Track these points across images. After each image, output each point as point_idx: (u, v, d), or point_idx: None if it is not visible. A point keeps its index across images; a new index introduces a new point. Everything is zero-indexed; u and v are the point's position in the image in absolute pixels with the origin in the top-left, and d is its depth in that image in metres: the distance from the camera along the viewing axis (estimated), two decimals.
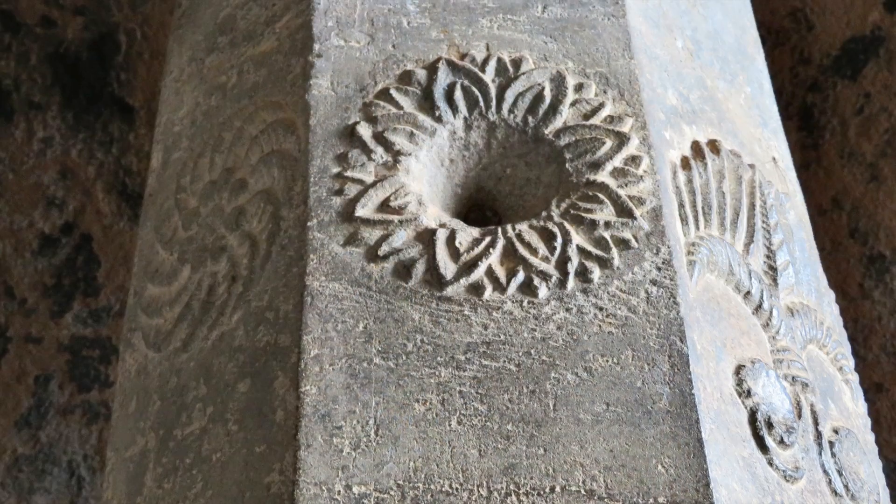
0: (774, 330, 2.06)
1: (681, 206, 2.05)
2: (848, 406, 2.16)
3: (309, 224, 1.96)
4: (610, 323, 1.87)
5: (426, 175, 2.04)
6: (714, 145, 2.18)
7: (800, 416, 1.98)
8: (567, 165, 2.02)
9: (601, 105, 2.08)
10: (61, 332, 3.81)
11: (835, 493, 1.97)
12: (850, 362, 2.24)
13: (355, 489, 1.73)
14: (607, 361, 1.83)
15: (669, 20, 2.36)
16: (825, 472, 1.97)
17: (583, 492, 1.73)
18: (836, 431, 2.04)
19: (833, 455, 2.00)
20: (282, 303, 1.91)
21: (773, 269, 2.13)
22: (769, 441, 1.89)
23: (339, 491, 1.73)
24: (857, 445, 2.07)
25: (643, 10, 2.30)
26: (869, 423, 2.22)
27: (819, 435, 2.00)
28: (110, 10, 3.92)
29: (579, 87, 2.10)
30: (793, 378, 2.02)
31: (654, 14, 2.32)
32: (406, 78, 2.11)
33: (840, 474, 1.99)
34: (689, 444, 1.76)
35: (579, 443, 1.77)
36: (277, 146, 2.11)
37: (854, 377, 2.23)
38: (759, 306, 2.06)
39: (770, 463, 1.88)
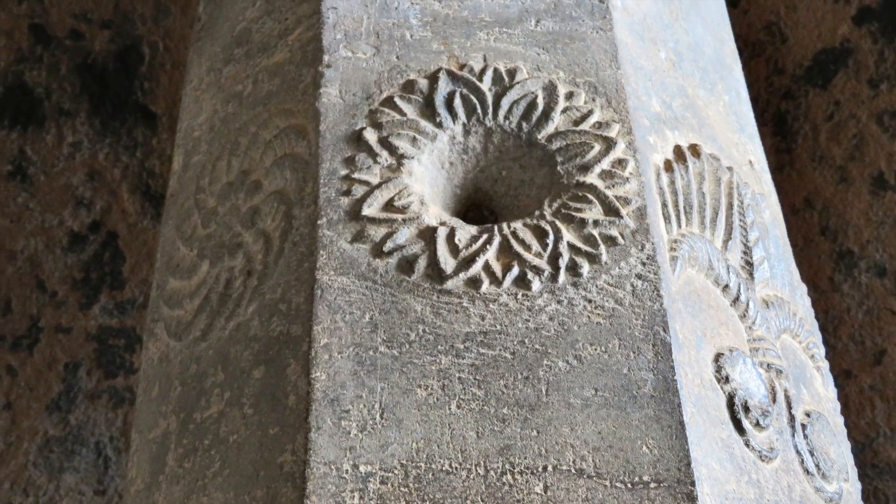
0: (751, 320, 2.06)
1: (664, 205, 2.05)
2: (819, 391, 2.15)
3: (319, 222, 1.95)
4: (598, 314, 1.86)
5: (427, 177, 2.04)
6: (695, 149, 2.18)
7: (774, 401, 1.98)
8: (558, 168, 2.02)
9: (590, 112, 2.08)
10: (89, 323, 3.81)
11: (807, 471, 1.97)
12: (820, 350, 2.24)
13: (362, 468, 1.73)
14: (596, 350, 1.83)
15: (653, 33, 2.36)
16: (798, 452, 1.97)
17: (573, 471, 1.73)
18: (808, 415, 2.04)
19: (805, 437, 2.00)
20: (294, 295, 1.91)
21: (749, 264, 2.13)
22: (746, 424, 1.89)
23: (346, 470, 1.73)
24: (828, 428, 2.07)
25: (629, 24, 2.29)
26: (838, 406, 2.22)
27: (792, 418, 2.00)
28: (135, 24, 3.92)
29: (570, 96, 2.10)
30: (768, 365, 2.02)
31: (639, 28, 2.32)
32: (409, 87, 2.11)
33: (812, 454, 1.99)
34: (671, 426, 1.76)
35: (570, 425, 1.77)
36: (290, 150, 2.10)
37: (825, 364, 2.23)
38: (737, 299, 2.06)
39: (747, 444, 1.88)
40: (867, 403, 3.60)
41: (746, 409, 1.91)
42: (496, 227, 1.95)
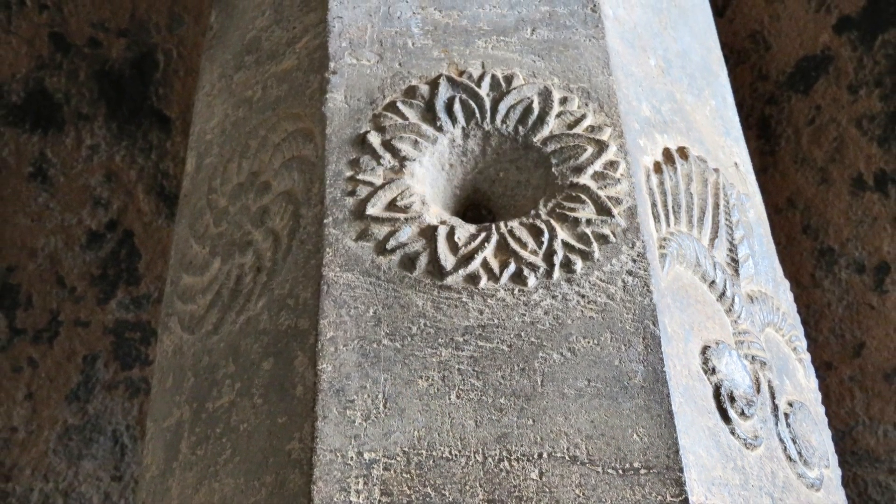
0: (736, 315, 2.06)
1: (653, 205, 2.04)
2: (801, 382, 2.15)
3: (325, 221, 1.95)
4: (591, 308, 1.86)
5: (428, 178, 2.04)
6: (683, 152, 2.18)
7: (759, 391, 1.98)
8: (553, 169, 2.02)
9: (583, 116, 2.08)
10: (106, 317, 3.81)
11: (789, 458, 1.97)
12: (803, 343, 2.24)
13: (366, 455, 1.73)
14: (589, 343, 1.83)
15: (643, 41, 2.36)
16: (781, 440, 1.97)
17: (567, 458, 1.73)
18: (790, 404, 2.04)
19: (788, 425, 2.00)
20: (301, 291, 1.91)
21: (734, 261, 2.13)
22: (731, 413, 1.89)
23: (351, 457, 1.73)
24: (810, 417, 2.07)
25: (620, 32, 2.29)
26: (819, 397, 2.22)
27: (776, 407, 2.00)
28: (150, 32, 3.92)
29: (564, 101, 2.10)
30: (752, 357, 2.02)
31: (629, 36, 2.32)
32: (411, 92, 2.11)
33: (794, 442, 1.99)
34: (660, 415, 1.76)
35: (564, 414, 1.77)
36: (297, 152, 2.10)
37: (806, 356, 2.23)
38: (723, 294, 2.06)
39: (732, 432, 1.88)
40: (847, 394, 3.60)
41: (732, 399, 1.91)
42: (494, 226, 1.95)
